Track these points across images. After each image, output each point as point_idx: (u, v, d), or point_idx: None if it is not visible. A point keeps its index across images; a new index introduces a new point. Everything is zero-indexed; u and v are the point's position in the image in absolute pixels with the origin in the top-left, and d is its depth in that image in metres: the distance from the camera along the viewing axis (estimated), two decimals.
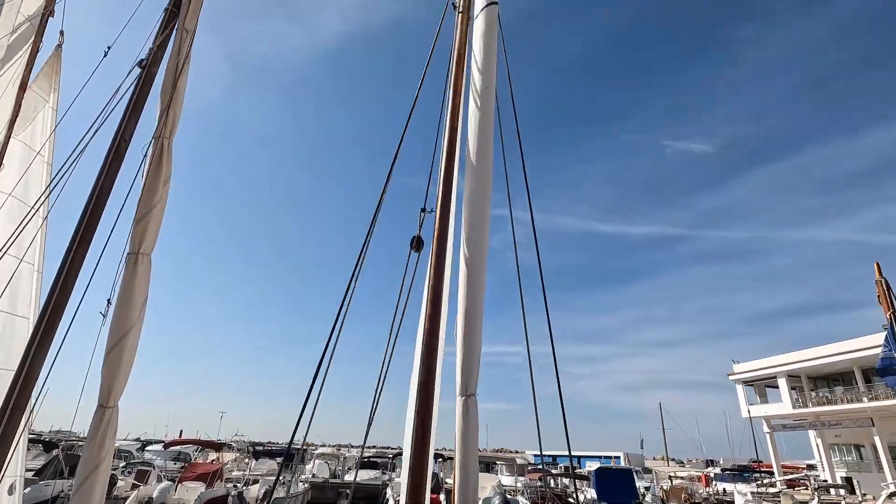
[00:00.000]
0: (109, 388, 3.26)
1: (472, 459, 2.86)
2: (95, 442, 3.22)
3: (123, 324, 3.29)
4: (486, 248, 3.08)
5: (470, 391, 2.91)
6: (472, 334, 2.93)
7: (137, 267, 3.37)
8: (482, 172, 3.19)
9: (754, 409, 37.13)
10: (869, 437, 30.79)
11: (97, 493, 3.21)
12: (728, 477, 27.34)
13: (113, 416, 3.27)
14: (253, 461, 24.65)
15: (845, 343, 31.25)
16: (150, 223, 3.43)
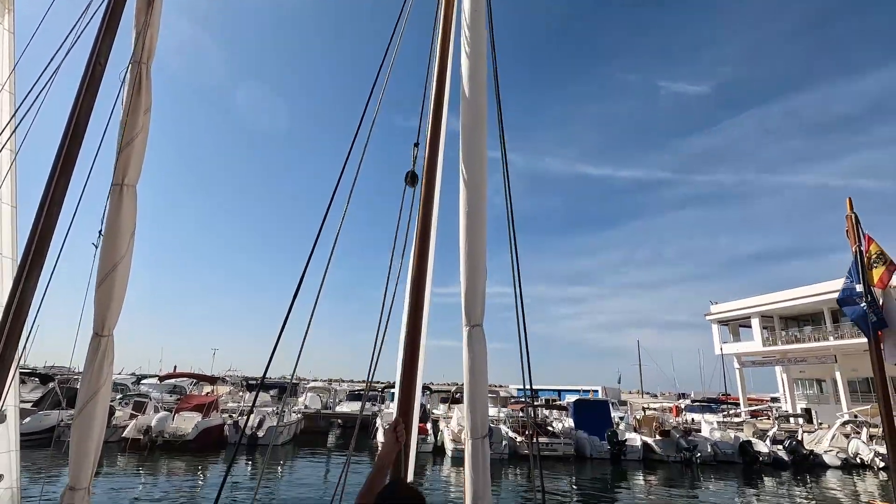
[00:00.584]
0: (103, 317, 3.28)
1: (480, 389, 2.96)
2: (93, 369, 3.29)
3: (112, 255, 3.27)
4: (486, 174, 3.06)
5: (475, 322, 2.97)
6: (475, 265, 2.94)
7: (123, 198, 3.30)
8: (475, 101, 3.10)
9: (727, 347, 39.05)
10: (831, 372, 32.83)
11: (98, 418, 3.32)
12: (697, 408, 29.26)
13: (109, 344, 3.32)
14: (247, 394, 25.60)
15: (817, 286, 32.52)
16: (132, 154, 3.32)
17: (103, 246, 3.27)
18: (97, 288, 3.26)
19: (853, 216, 3.33)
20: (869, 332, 3.18)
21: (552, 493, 13.98)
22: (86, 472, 3.24)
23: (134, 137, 3.33)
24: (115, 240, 3.25)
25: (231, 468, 13.79)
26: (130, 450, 15.32)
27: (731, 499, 14.32)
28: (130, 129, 3.33)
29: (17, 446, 4.84)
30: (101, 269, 3.25)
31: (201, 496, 11.82)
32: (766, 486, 16.37)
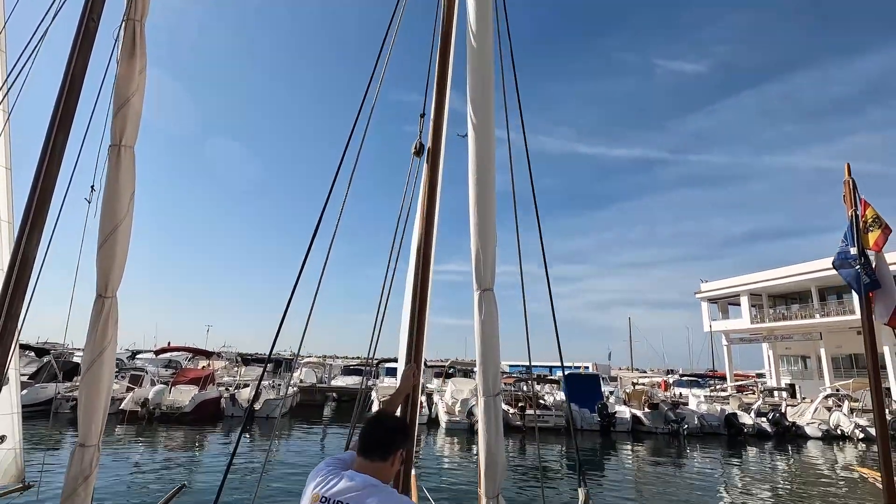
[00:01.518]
0: (106, 278, 3.29)
1: (492, 350, 3.02)
2: (98, 330, 3.31)
3: (113, 217, 3.26)
4: (493, 137, 3.07)
5: (485, 286, 3.02)
6: (486, 230, 2.97)
7: (121, 159, 3.28)
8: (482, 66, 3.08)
9: (716, 325, 39.74)
10: (815, 349, 33.63)
11: (105, 377, 3.35)
12: (685, 383, 29.96)
13: (112, 306, 3.34)
14: (243, 367, 25.82)
15: (805, 264, 33.03)
16: (128, 114, 3.28)
17: (103, 208, 3.26)
18: (99, 250, 3.26)
19: (851, 181, 3.39)
20: (861, 292, 3.28)
21: (544, 460, 14.40)
22: (95, 429, 3.29)
23: (130, 97, 3.28)
24: (116, 201, 3.24)
25: (241, 439, 13.99)
26: (128, 421, 15.51)
27: (716, 468, 14.80)
28: (126, 89, 3.28)
29: (18, 409, 4.89)
30: (103, 230, 3.24)
31: (201, 464, 12.04)
32: (750, 455, 16.93)
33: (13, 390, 4.84)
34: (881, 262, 3.27)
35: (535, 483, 11.79)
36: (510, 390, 23.22)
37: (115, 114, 3.25)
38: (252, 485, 9.78)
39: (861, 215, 3.31)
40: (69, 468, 3.31)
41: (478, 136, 2.91)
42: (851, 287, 3.39)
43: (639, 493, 11.50)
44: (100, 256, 3.25)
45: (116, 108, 3.25)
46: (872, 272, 3.22)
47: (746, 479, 13.32)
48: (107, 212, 3.24)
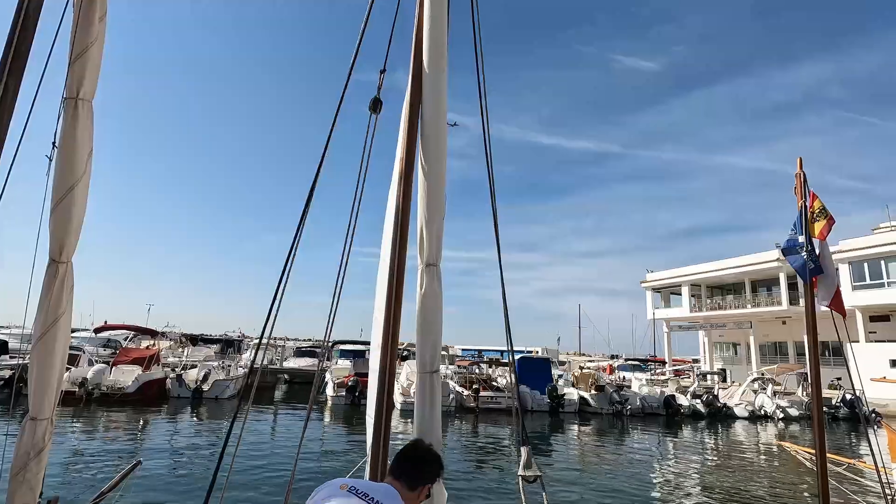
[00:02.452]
0: (60, 242, 3.08)
1: (433, 326, 2.96)
2: (51, 297, 3.11)
3: (69, 176, 3.04)
4: (445, 109, 3.03)
5: (430, 261, 2.97)
6: (434, 204, 2.91)
7: (78, 113, 3.05)
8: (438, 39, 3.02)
9: (658, 313, 41.96)
10: (745, 336, 36.24)
11: (59, 347, 3.17)
12: (628, 367, 31.59)
13: (68, 272, 3.14)
14: (190, 348, 24.83)
15: (740, 258, 35.42)
16: (87, 65, 3.04)
17: (58, 167, 3.02)
18: (52, 211, 3.04)
19: (802, 174, 3.66)
20: (807, 277, 3.57)
21: (496, 439, 14.85)
22: (48, 402, 3.10)
23: (88, 47, 3.03)
24: (72, 160, 3.01)
25: (234, 422, 13.49)
26: (64, 402, 14.52)
27: (655, 444, 15.79)
28: (83, 37, 3.03)
29: None
30: (57, 190, 3.01)
31: (144, 447, 11.55)
32: (686, 433, 18.17)
33: None
34: (825, 250, 3.58)
35: (483, 463, 12.15)
36: (464, 373, 23.66)
37: (70, 63, 3.00)
38: (205, 466, 9.52)
39: (809, 206, 3.60)
40: (19, 442, 3.11)
41: (427, 112, 2.83)
42: (798, 272, 3.69)
43: (585, 467, 12.09)
44: (54, 218, 3.03)
45: (73, 57, 3.00)
46: (817, 259, 3.52)
47: (682, 454, 14.30)
48: (61, 170, 3.01)
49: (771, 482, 10.96)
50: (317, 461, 10.87)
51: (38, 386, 3.13)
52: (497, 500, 8.50)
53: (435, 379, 3.11)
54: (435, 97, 2.97)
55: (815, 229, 3.53)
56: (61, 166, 3.02)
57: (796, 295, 32.02)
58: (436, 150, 2.83)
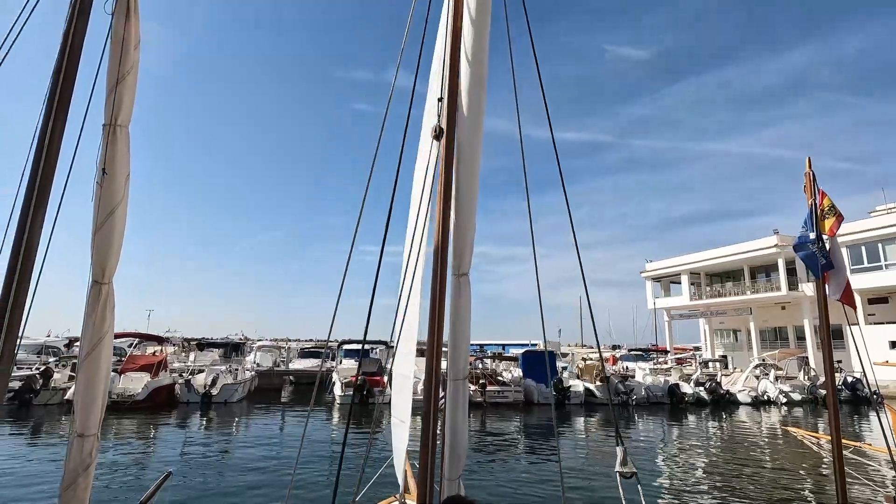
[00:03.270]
0: (102, 264, 3.18)
1: (464, 335, 3.11)
2: (96, 316, 3.21)
3: (109, 200, 3.14)
4: (482, 128, 3.16)
5: (462, 271, 3.09)
6: (467, 217, 3.05)
7: (116, 139, 3.15)
8: (478, 60, 3.16)
9: (659, 302, 42.23)
10: (746, 323, 36.54)
11: (103, 365, 3.28)
12: (631, 357, 31.82)
13: (110, 292, 3.24)
14: (196, 353, 24.92)
15: (739, 245, 35.67)
16: (124, 92, 3.14)
17: (97, 190, 3.12)
18: (94, 234, 3.14)
19: (811, 173, 3.79)
20: (819, 272, 3.71)
21: (503, 434, 15.04)
22: (94, 419, 3.22)
23: (125, 75, 3.12)
24: (112, 184, 3.11)
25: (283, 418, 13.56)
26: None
27: (661, 432, 16.00)
28: (121, 66, 3.12)
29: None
30: (98, 214, 3.11)
31: (158, 453, 11.67)
32: (690, 420, 18.41)
33: None
34: (834, 245, 3.71)
35: (494, 456, 12.31)
36: (469, 368, 23.83)
37: (108, 92, 3.09)
38: (227, 469, 9.65)
39: (819, 204, 3.73)
40: (68, 458, 3.22)
41: (469, 123, 2.98)
42: (809, 268, 3.82)
43: (596, 456, 12.27)
44: (95, 242, 3.13)
45: (110, 85, 3.09)
46: (827, 254, 3.65)
47: (689, 441, 14.51)
48: (103, 194, 3.11)
49: (779, 467, 11.16)
50: (330, 459, 11.04)
51: (85, 403, 3.24)
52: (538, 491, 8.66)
53: (465, 386, 3.26)
54: (472, 118, 3.09)
55: (826, 226, 3.66)
56: (102, 190, 3.12)
57: (795, 280, 32.31)
58: (470, 167, 2.97)
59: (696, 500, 8.49)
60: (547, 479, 9.76)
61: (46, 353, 22.52)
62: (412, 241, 3.86)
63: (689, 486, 9.46)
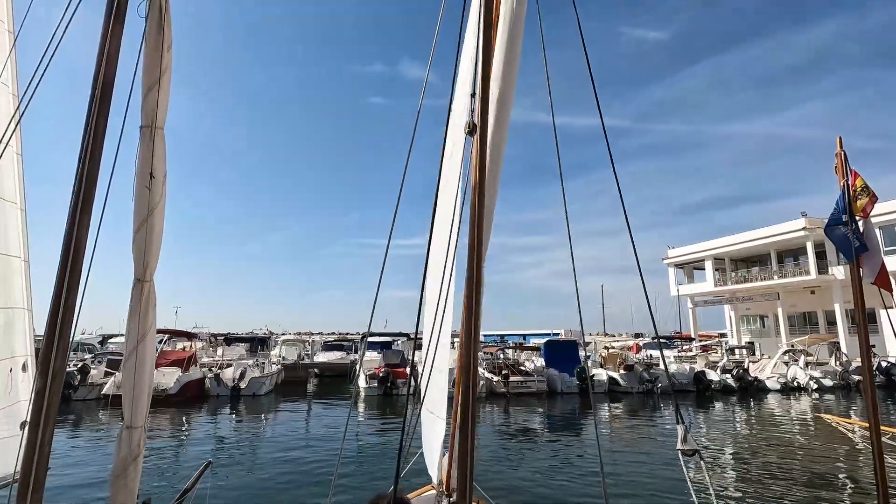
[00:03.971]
0: (144, 263, 3.29)
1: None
2: (139, 314, 3.33)
3: (149, 200, 3.24)
4: (507, 122, 3.19)
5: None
6: (489, 209, 3.09)
7: (153, 141, 3.24)
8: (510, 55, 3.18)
9: (682, 289, 41.56)
10: (773, 308, 35.74)
11: (148, 360, 3.40)
12: (654, 345, 31.39)
13: (151, 289, 3.35)
14: (224, 347, 25.58)
15: (764, 229, 34.78)
16: (159, 94, 3.23)
17: (138, 192, 3.22)
18: (135, 234, 3.24)
19: (842, 153, 3.68)
20: (852, 255, 3.62)
21: (527, 424, 15.09)
22: (141, 412, 3.35)
23: (159, 77, 3.21)
24: (151, 184, 3.21)
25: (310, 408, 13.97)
26: (112, 405, 15.25)
27: (687, 420, 15.84)
28: (154, 67, 3.20)
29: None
30: (138, 214, 3.22)
31: (193, 444, 12.06)
32: (717, 408, 18.17)
33: (31, 377, 4.80)
34: (868, 227, 3.61)
35: (521, 446, 12.37)
36: (491, 359, 23.91)
37: (144, 95, 3.18)
38: (261, 459, 9.95)
39: (851, 185, 3.63)
40: (118, 450, 3.36)
41: (496, 119, 3.02)
42: (842, 251, 3.73)
43: (621, 443, 12.24)
44: (136, 241, 3.23)
45: (146, 89, 3.18)
46: (861, 236, 3.56)
47: (717, 429, 14.33)
48: (142, 195, 3.22)
49: (812, 455, 10.96)
50: (357, 449, 11.28)
51: (131, 397, 3.38)
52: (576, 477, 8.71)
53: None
54: (500, 113, 3.11)
55: (859, 207, 3.56)
56: (140, 191, 3.23)
57: (825, 264, 31.42)
58: (496, 162, 3.01)
59: (728, 488, 8.42)
60: (577, 466, 9.78)
61: (82, 350, 23.35)
62: (450, 233, 3.93)
63: (720, 474, 9.37)
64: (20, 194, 4.94)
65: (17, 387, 4.80)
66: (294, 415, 16.77)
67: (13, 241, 4.88)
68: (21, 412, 4.77)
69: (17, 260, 4.88)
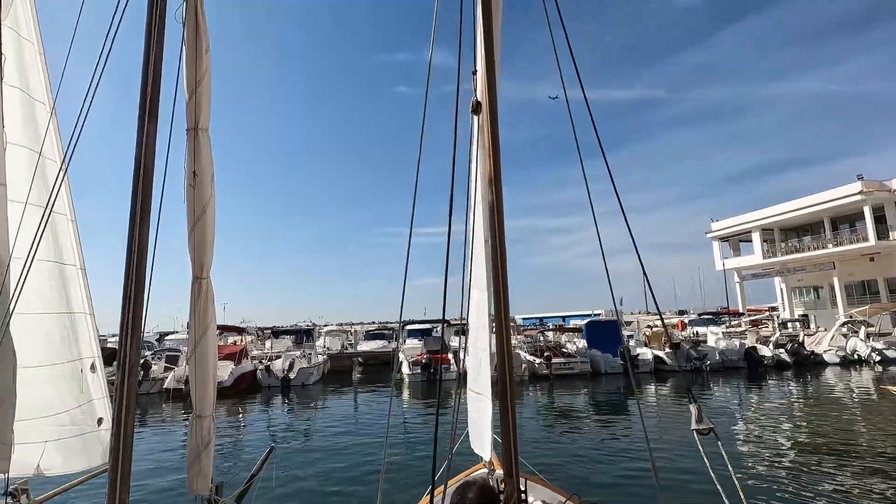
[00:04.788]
0: (200, 261, 3.41)
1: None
2: (199, 310, 3.46)
3: (200, 200, 3.35)
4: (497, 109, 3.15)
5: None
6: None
7: (200, 142, 3.34)
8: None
9: (728, 263, 39.97)
10: (828, 278, 33.88)
11: (210, 353, 3.54)
12: (701, 322, 30.49)
13: (209, 286, 3.48)
14: (272, 340, 26.56)
15: (817, 195, 32.80)
16: (202, 96, 3.32)
17: (189, 192, 3.34)
18: (190, 233, 3.36)
19: None
20: None
21: (572, 405, 14.99)
22: (208, 401, 3.51)
23: (200, 80, 3.30)
24: (201, 185, 3.32)
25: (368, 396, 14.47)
26: (174, 399, 16.18)
27: (738, 398, 15.33)
28: (195, 71, 3.29)
29: (107, 392, 5.17)
30: (191, 214, 3.34)
31: (251, 432, 12.63)
32: (770, 385, 17.48)
33: (101, 376, 5.09)
34: None
35: (560, 424, 12.30)
36: (531, 341, 23.81)
37: (188, 98, 3.28)
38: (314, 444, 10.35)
39: None
40: (190, 438, 3.54)
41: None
42: None
43: (667, 422, 11.99)
44: (191, 240, 3.36)
45: (189, 92, 3.28)
46: None
47: (773, 405, 13.81)
48: (191, 196, 3.33)
49: (877, 430, 10.43)
50: (405, 431, 11.55)
51: (199, 388, 3.53)
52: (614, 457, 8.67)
53: None
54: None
55: None
56: (191, 192, 3.35)
57: (884, 229, 29.45)
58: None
59: (786, 467, 8.13)
60: (624, 446, 9.67)
61: (141, 346, 24.77)
62: (471, 216, 3.95)
63: (775, 452, 9.05)
64: (69, 205, 5.12)
65: (90, 386, 5.08)
66: (342, 402, 17.27)
67: (68, 250, 5.13)
68: (94, 410, 5.08)
69: (72, 268, 5.14)
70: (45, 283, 4.79)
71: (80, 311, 5.06)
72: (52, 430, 4.60)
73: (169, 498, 7.21)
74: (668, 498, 6.31)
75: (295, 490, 7.38)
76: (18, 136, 4.52)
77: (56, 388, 4.67)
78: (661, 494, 2.38)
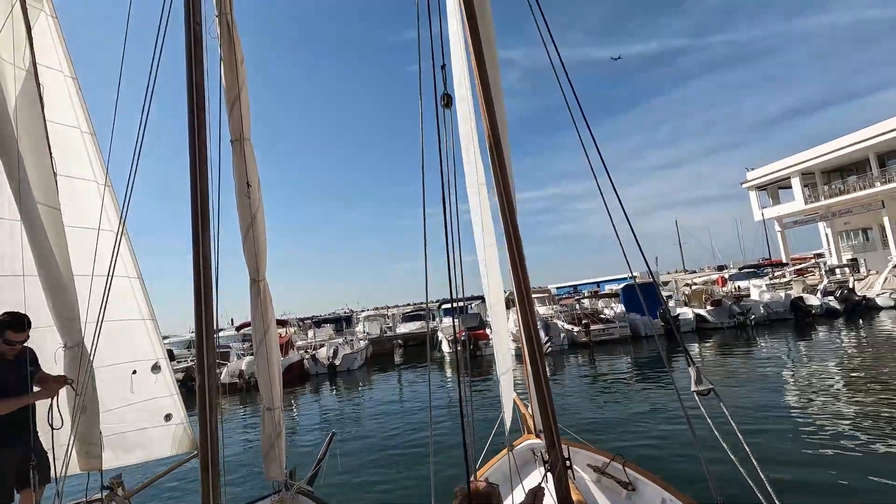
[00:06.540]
0: (255, 264, 3.59)
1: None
2: (259, 311, 3.67)
3: (251, 207, 3.52)
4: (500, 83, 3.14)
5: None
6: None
7: (244, 151, 3.49)
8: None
9: (767, 212, 38.46)
10: (877, 219, 32.20)
11: (274, 351, 3.76)
12: (742, 276, 29.62)
13: (266, 288, 3.67)
14: (315, 329, 27.43)
15: (861, 132, 30.94)
16: (242, 107, 3.45)
17: (239, 201, 3.51)
18: (244, 240, 3.55)
19: None
20: None
21: (612, 372, 15.01)
22: (276, 394, 3.75)
23: (239, 91, 3.43)
24: (250, 192, 3.49)
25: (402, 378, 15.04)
26: (229, 393, 17.06)
27: (785, 351, 14.99)
28: (234, 84, 3.42)
29: (176, 390, 5.54)
30: (243, 220, 3.51)
31: (306, 419, 13.24)
32: (820, 335, 16.99)
33: (167, 375, 5.43)
34: None
35: (603, 390, 12.37)
36: (567, 310, 23.75)
37: (229, 111, 3.42)
38: (370, 428, 10.80)
39: None
40: (263, 429, 3.80)
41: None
42: None
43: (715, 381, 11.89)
44: (246, 246, 3.54)
45: (230, 105, 3.41)
46: None
47: (822, 355, 13.47)
48: (243, 203, 3.50)
49: None
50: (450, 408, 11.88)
51: (266, 383, 3.78)
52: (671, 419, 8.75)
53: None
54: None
55: None
56: (242, 200, 3.52)
57: None
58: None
59: (846, 420, 8.01)
60: (667, 408, 9.69)
61: (190, 346, 26.05)
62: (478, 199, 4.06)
63: (833, 406, 8.89)
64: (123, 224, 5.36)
65: (152, 386, 5.35)
66: (387, 384, 17.81)
67: (127, 264, 5.37)
68: (160, 407, 5.40)
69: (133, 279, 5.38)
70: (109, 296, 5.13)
71: (136, 318, 5.27)
72: (123, 426, 4.89)
73: (246, 480, 7.73)
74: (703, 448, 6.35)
75: (354, 467, 7.80)
76: (85, 171, 4.59)
77: (123, 386, 4.92)
78: (700, 452, 2.48)
